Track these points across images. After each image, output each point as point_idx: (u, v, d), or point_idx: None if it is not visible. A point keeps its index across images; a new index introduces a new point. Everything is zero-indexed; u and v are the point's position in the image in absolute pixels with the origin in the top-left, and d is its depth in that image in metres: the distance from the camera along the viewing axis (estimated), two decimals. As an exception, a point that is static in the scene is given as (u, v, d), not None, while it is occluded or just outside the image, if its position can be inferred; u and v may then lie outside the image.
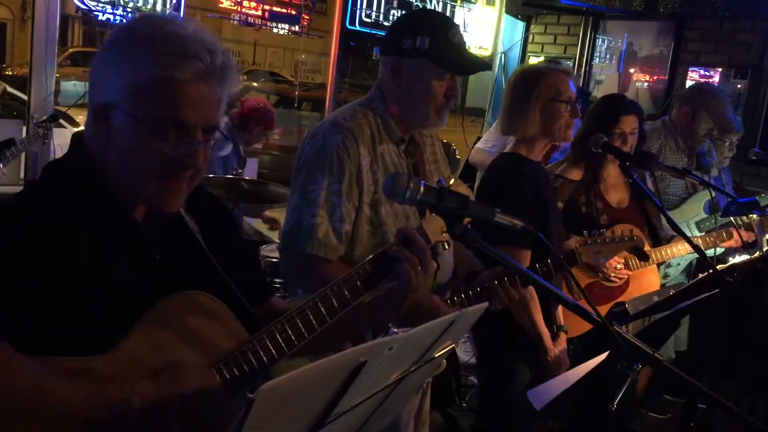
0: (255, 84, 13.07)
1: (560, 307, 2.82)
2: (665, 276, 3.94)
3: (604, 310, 3.04)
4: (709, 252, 3.32)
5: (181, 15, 6.22)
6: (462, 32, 6.73)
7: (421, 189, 1.42)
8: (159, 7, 4.88)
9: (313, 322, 1.46)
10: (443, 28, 2.12)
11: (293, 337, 1.44)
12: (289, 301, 1.79)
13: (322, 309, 1.47)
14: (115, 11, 4.96)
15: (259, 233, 4.69)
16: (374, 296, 1.60)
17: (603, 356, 1.59)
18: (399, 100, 2.14)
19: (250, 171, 5.33)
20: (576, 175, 3.12)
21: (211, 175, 4.22)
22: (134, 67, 1.34)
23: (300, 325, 1.45)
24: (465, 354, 4.46)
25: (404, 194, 1.43)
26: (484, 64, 2.27)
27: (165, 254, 1.45)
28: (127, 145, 1.36)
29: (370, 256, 1.54)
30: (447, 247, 1.60)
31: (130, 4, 5.00)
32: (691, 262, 4.05)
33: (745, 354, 4.09)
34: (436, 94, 2.09)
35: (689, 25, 6.89)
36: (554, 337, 2.74)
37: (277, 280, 3.73)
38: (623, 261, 3.07)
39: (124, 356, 1.32)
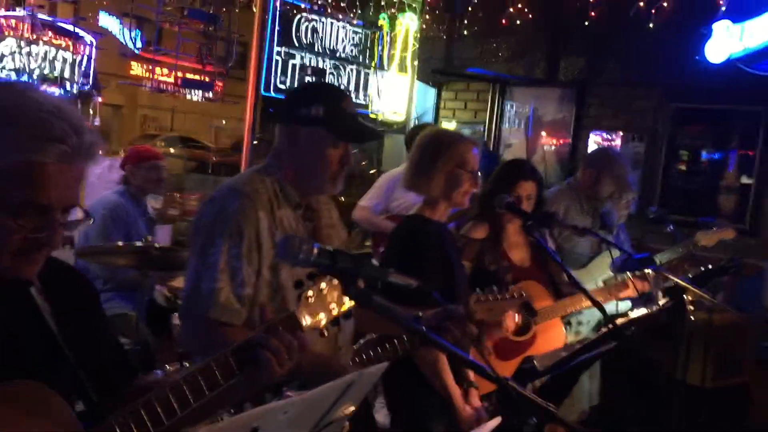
0: (172, 150, 12.92)
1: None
2: (577, 333, 4.04)
3: (514, 364, 3.09)
4: (611, 307, 3.43)
5: (91, 82, 6.15)
6: (376, 98, 6.86)
7: (315, 251, 1.44)
8: (67, 74, 4.82)
9: (161, 415, 1.36)
10: (337, 98, 2.20)
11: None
12: (157, 379, 1.71)
13: (173, 401, 1.38)
14: (20, 78, 4.86)
15: (170, 301, 4.57)
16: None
17: (497, 420, 1.63)
18: (295, 167, 2.19)
19: (163, 239, 5.23)
20: (480, 233, 3.21)
21: (119, 243, 4.11)
22: None
23: (146, 418, 1.35)
24: (385, 418, 4.40)
25: (297, 256, 1.44)
26: (376, 134, 2.37)
27: (6, 334, 1.36)
28: None
29: (234, 345, 1.48)
30: (325, 334, 1.56)
31: (36, 72, 4.92)
32: (600, 320, 4.17)
33: (654, 406, 4.21)
34: (331, 161, 2.16)
35: (589, 91, 7.30)
36: (465, 395, 2.77)
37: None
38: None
39: None
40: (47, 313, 1.41)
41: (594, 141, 7.19)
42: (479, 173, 2.81)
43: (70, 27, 5.56)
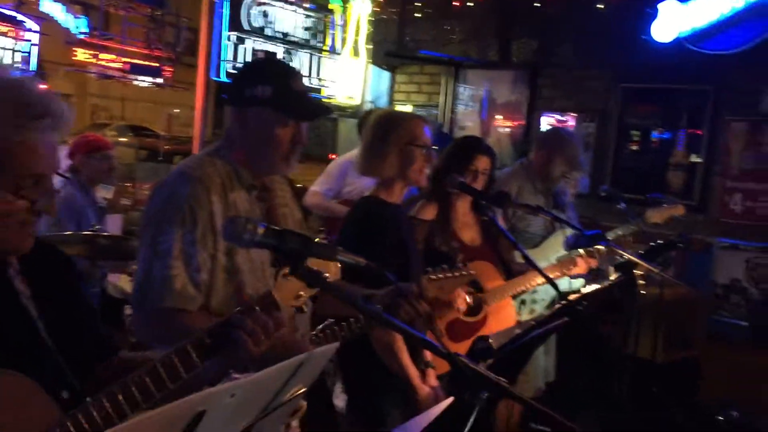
0: (122, 139, 12.64)
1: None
2: (532, 311, 4.08)
3: (466, 345, 3.10)
4: (565, 284, 3.47)
5: (32, 68, 5.97)
6: (329, 83, 6.74)
7: (260, 230, 1.41)
8: (8, 61, 4.66)
9: (138, 398, 1.37)
10: (285, 75, 2.15)
11: (114, 416, 1.34)
12: (139, 354, 1.70)
13: (150, 384, 1.39)
14: (-42, 65, 4.69)
15: (123, 291, 4.49)
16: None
17: (449, 399, 1.63)
18: (246, 148, 2.15)
19: (113, 228, 5.13)
20: (430, 214, 3.20)
21: (67, 233, 4.02)
22: None
23: (123, 402, 1.35)
24: (344, 402, 4.39)
25: (242, 237, 1.41)
26: (326, 110, 2.34)
27: None
28: None
29: (210, 326, 1.49)
30: (304, 310, 1.59)
31: (-25, 58, 4.75)
32: (554, 297, 4.22)
33: (606, 381, 4.29)
34: (282, 141, 2.11)
35: (541, 73, 7.35)
36: (423, 375, 2.77)
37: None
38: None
39: None
40: (26, 297, 1.42)
41: (547, 122, 7.25)
42: (433, 150, 2.81)
43: (11, 12, 5.38)
